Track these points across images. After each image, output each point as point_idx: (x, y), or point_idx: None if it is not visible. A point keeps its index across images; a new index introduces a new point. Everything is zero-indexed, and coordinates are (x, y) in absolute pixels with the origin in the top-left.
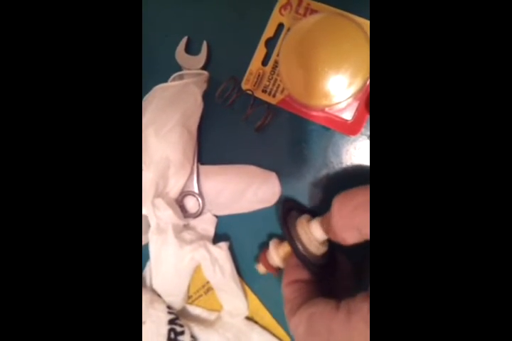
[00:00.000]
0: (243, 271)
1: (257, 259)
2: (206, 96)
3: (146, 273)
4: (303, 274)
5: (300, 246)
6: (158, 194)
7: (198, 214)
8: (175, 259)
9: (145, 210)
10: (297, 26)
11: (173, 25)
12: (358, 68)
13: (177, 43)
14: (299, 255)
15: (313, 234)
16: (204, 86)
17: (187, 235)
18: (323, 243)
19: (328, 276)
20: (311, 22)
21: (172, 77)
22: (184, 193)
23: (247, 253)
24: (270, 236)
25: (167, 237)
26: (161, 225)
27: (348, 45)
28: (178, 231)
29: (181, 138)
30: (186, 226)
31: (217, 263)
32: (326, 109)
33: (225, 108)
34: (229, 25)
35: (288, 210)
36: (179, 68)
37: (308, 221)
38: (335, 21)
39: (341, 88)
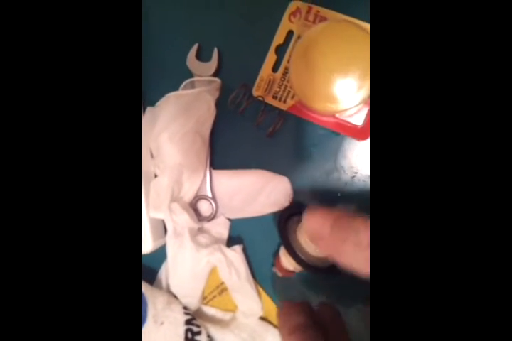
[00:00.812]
0: (256, 272)
1: (273, 264)
2: (218, 103)
3: (162, 274)
4: (300, 318)
5: (298, 252)
6: (174, 199)
7: (211, 218)
8: (192, 262)
9: (162, 215)
10: (306, 34)
11: (184, 31)
12: (366, 72)
13: (188, 50)
14: (297, 260)
15: None
16: (217, 93)
17: (202, 239)
18: None
19: (334, 276)
20: (318, 29)
21: (183, 84)
22: (198, 197)
23: (259, 255)
24: None
25: (183, 241)
26: (178, 229)
27: (355, 50)
28: (193, 235)
29: (195, 144)
30: (201, 230)
31: (233, 266)
32: (337, 115)
33: (237, 115)
34: (239, 32)
35: (289, 216)
36: (190, 74)
37: None
38: (342, 28)
39: (350, 93)
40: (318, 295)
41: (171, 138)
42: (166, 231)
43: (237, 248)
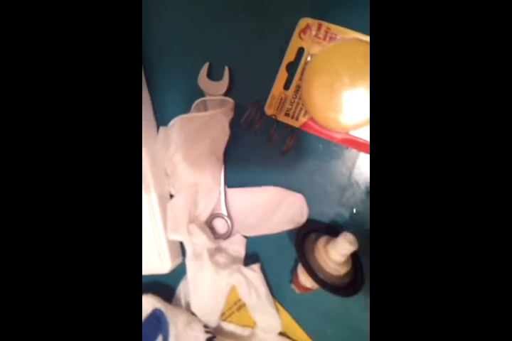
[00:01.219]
0: (274, 289)
1: (291, 281)
2: (231, 121)
3: (181, 292)
4: None
5: (317, 271)
6: (191, 219)
7: (227, 236)
8: (212, 284)
9: (181, 237)
10: (318, 52)
11: (195, 50)
12: None
13: (199, 69)
14: (316, 279)
15: (330, 257)
16: (231, 114)
17: (220, 258)
18: (343, 264)
19: (352, 294)
20: (330, 47)
21: (195, 103)
22: (213, 215)
23: (277, 271)
24: None
25: (203, 263)
26: (197, 250)
27: (365, 67)
28: (212, 255)
29: (209, 163)
30: (218, 249)
31: (252, 286)
32: (350, 132)
33: (250, 133)
34: (250, 51)
35: (306, 234)
36: (202, 93)
37: (327, 243)
38: (352, 46)
39: (361, 109)
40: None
41: (185, 158)
42: (182, 249)
43: (256, 267)
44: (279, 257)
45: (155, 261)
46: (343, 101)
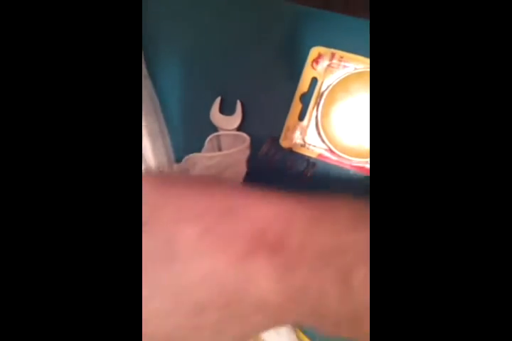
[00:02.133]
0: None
1: None
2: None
3: None
4: None
5: None
6: None
7: None
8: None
9: None
10: (335, 82)
11: (206, 85)
12: None
13: (211, 104)
14: None
15: None
16: (247, 152)
17: None
18: None
19: None
20: (346, 77)
21: (209, 139)
22: None
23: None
24: None
25: None
26: None
27: None
28: None
29: None
30: None
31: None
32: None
33: (267, 166)
34: (262, 83)
35: None
36: (214, 128)
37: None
38: (367, 74)
39: None
40: None
41: None
42: None
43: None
44: None
45: None
46: (360, 130)
